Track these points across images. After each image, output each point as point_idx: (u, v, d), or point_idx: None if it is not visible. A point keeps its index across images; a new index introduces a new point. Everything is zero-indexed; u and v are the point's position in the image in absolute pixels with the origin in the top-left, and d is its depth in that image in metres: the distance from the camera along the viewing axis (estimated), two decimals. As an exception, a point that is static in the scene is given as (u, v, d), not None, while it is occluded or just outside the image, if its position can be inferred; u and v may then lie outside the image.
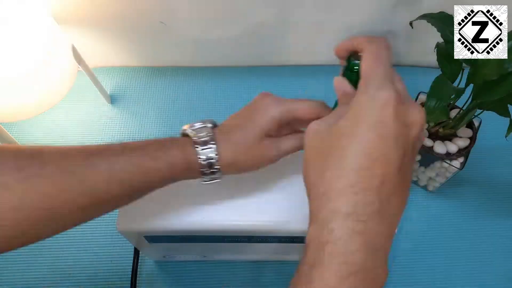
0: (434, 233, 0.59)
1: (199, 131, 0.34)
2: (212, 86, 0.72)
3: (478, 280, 0.55)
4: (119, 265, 0.54)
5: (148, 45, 0.69)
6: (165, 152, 0.32)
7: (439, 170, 0.56)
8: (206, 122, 0.36)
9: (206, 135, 0.34)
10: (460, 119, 0.53)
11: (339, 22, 0.65)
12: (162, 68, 0.73)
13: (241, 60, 0.73)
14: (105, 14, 0.61)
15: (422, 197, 0.61)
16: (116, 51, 0.70)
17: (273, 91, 0.38)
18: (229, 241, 0.45)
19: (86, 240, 0.56)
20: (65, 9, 0.59)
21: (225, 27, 0.65)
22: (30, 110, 0.55)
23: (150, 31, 0.65)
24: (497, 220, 0.60)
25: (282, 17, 0.63)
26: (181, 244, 0.47)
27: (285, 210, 0.41)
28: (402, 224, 0.59)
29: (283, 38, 0.69)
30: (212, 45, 0.69)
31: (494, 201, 0.62)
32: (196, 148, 0.33)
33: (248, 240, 0.45)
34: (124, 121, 0.67)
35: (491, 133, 0.59)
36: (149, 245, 0.46)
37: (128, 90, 0.71)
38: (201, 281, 0.54)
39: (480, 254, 0.57)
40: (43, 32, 0.51)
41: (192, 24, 0.64)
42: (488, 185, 0.63)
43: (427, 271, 0.56)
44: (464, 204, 0.61)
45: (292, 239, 0.44)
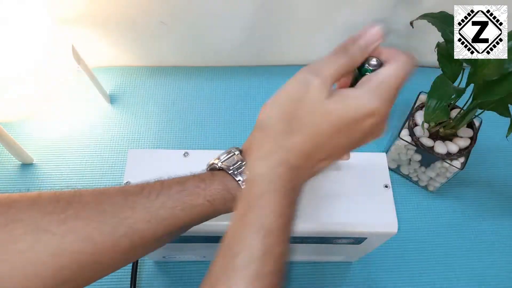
0: (435, 233, 0.58)
1: (230, 161, 0.33)
2: (212, 86, 0.72)
3: (479, 280, 0.55)
4: (119, 265, 0.54)
5: (148, 45, 0.69)
6: (205, 188, 0.32)
7: (439, 170, 0.56)
8: (232, 150, 0.35)
9: (240, 165, 0.33)
10: (461, 119, 0.53)
11: (340, 21, 0.65)
12: (162, 68, 0.73)
13: (241, 60, 0.73)
14: (105, 14, 0.61)
15: (422, 197, 0.61)
16: (116, 51, 0.70)
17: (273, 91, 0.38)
18: None
19: None
20: (65, 9, 0.58)
21: (225, 27, 0.65)
22: (29, 110, 0.55)
23: (150, 31, 0.65)
24: (498, 220, 0.60)
25: (282, 17, 0.63)
26: (181, 244, 0.47)
27: None
28: (402, 224, 0.59)
29: (283, 38, 0.68)
30: (212, 45, 0.69)
31: (495, 201, 0.62)
32: (238, 182, 0.32)
33: None
34: (124, 121, 0.67)
35: (492, 133, 0.59)
36: None
37: (127, 90, 0.70)
38: (201, 281, 0.54)
39: (481, 253, 0.57)
40: (43, 32, 0.51)
41: (192, 24, 0.64)
42: (488, 185, 0.63)
43: (427, 271, 0.56)
44: (464, 204, 0.61)
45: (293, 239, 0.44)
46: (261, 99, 0.70)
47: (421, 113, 0.57)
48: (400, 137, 0.56)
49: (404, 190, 0.62)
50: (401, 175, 0.63)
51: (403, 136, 0.56)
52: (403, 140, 0.56)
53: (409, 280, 0.55)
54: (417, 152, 0.57)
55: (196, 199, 0.31)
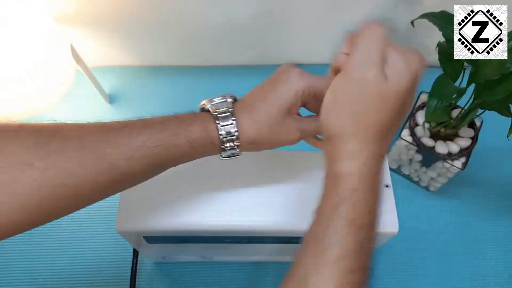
0: (436, 233, 0.58)
1: (219, 106, 0.34)
2: (212, 86, 0.71)
3: (480, 280, 0.55)
4: (119, 267, 0.54)
5: (147, 45, 0.69)
6: (186, 128, 0.32)
7: (440, 170, 0.56)
8: (226, 97, 0.35)
9: (227, 110, 0.33)
10: (462, 119, 0.53)
11: (340, 21, 0.65)
12: (161, 68, 0.73)
13: (240, 59, 0.73)
14: (104, 14, 0.60)
15: (423, 197, 0.61)
16: (115, 51, 0.70)
17: (273, 90, 0.38)
18: (228, 241, 0.45)
19: (85, 241, 0.56)
20: (65, 9, 0.58)
21: (225, 26, 0.65)
22: (29, 109, 0.55)
23: (150, 30, 0.65)
24: (499, 220, 0.60)
25: (282, 16, 0.63)
26: (180, 244, 0.47)
27: (284, 210, 0.41)
28: (403, 224, 0.59)
29: (283, 38, 0.68)
30: (212, 45, 0.69)
31: (496, 201, 0.61)
32: (217, 124, 0.32)
33: (247, 241, 0.45)
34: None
35: (493, 133, 0.59)
36: (148, 245, 0.46)
37: (127, 89, 0.70)
38: (200, 282, 0.54)
39: (482, 254, 0.57)
40: (43, 32, 0.50)
41: (191, 24, 0.64)
42: (490, 185, 0.63)
43: (428, 271, 0.56)
44: (466, 204, 0.61)
45: (292, 239, 0.44)
46: (261, 99, 0.69)
47: (422, 113, 0.57)
48: (401, 137, 0.56)
49: (405, 190, 0.62)
50: (402, 175, 0.63)
51: (404, 136, 0.56)
52: (404, 140, 0.56)
53: (409, 280, 0.55)
54: (418, 152, 0.57)
55: (176, 139, 0.31)
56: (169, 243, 0.46)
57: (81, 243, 0.55)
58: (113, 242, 0.55)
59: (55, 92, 0.55)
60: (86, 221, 0.57)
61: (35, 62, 0.50)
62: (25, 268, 0.54)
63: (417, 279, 0.55)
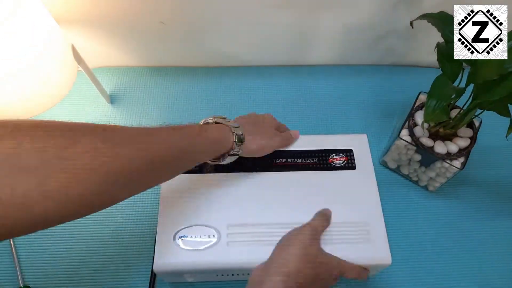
0: (435, 233, 0.59)
1: (226, 120, 0.47)
2: (212, 86, 0.72)
3: (480, 280, 0.55)
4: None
5: (148, 45, 0.69)
6: (207, 130, 0.43)
7: (439, 170, 0.56)
8: (219, 117, 0.47)
9: (234, 123, 0.46)
10: (461, 119, 0.53)
11: (339, 21, 0.65)
12: (162, 68, 0.73)
13: (241, 60, 0.73)
14: (105, 14, 0.61)
15: (422, 197, 0.61)
16: (116, 51, 0.70)
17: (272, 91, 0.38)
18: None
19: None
20: (65, 9, 0.59)
21: (225, 26, 0.65)
22: (30, 110, 0.55)
23: (150, 31, 0.65)
24: (498, 219, 0.60)
25: (282, 16, 0.63)
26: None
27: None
28: (402, 224, 0.59)
29: (282, 38, 0.69)
30: (212, 45, 0.69)
31: (495, 201, 0.62)
32: (232, 132, 0.45)
33: None
34: (124, 121, 0.67)
35: (492, 133, 0.59)
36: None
37: (127, 90, 0.71)
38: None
39: (482, 253, 0.57)
40: (43, 32, 0.51)
41: (192, 24, 0.64)
42: (488, 185, 0.63)
43: (428, 271, 0.56)
44: (464, 204, 0.61)
45: None
46: (261, 99, 0.70)
47: (421, 113, 0.57)
48: (400, 137, 0.56)
49: (404, 190, 0.62)
50: (401, 175, 0.63)
51: (403, 136, 0.56)
52: (403, 140, 0.56)
53: (409, 279, 0.55)
54: (417, 152, 0.57)
55: (200, 139, 0.42)
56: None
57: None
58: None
59: (55, 92, 0.56)
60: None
61: (36, 62, 0.50)
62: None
63: (417, 279, 0.55)
